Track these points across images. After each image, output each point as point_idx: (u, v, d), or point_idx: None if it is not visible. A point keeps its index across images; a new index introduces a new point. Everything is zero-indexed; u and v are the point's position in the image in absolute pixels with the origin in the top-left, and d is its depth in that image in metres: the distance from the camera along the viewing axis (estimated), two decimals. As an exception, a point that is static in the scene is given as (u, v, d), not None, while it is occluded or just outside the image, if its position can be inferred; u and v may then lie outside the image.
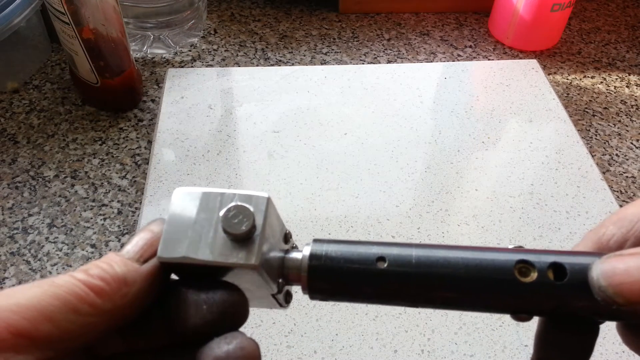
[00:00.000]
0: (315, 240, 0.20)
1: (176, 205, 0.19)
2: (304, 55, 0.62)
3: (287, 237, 0.21)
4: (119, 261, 0.18)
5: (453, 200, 0.47)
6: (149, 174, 0.48)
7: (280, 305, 0.21)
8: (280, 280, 0.20)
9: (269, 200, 0.19)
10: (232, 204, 0.18)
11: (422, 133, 0.52)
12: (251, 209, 0.18)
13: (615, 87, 0.61)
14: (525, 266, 0.18)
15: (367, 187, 0.47)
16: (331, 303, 0.39)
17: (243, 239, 0.18)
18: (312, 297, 0.20)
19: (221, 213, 0.18)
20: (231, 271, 0.18)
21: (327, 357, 0.37)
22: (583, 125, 0.56)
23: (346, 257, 0.20)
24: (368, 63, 0.62)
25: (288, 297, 0.22)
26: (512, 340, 0.38)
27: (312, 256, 0.20)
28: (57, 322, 0.16)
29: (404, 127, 0.53)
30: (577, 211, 0.46)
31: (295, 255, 0.20)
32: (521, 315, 0.19)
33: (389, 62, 0.62)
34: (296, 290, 0.43)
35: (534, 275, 0.18)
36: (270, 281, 0.19)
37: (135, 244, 0.19)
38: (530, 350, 0.38)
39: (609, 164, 0.52)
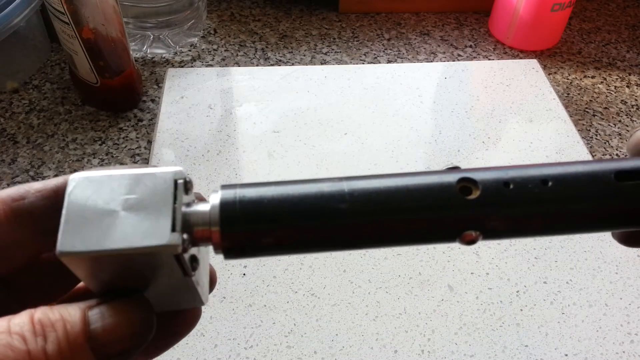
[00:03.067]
0: (224, 186, 0.17)
1: (75, 194, 0.17)
2: (304, 55, 0.62)
3: (187, 187, 0.17)
4: None
5: (453, 200, 0.47)
6: (148, 174, 0.47)
7: (194, 288, 0.18)
8: (185, 237, 0.16)
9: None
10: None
11: (422, 133, 0.52)
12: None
13: (615, 87, 0.61)
14: (466, 185, 0.18)
15: (367, 187, 0.47)
16: (331, 303, 0.39)
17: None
18: (227, 256, 0.17)
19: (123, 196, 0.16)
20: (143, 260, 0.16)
21: (327, 358, 0.37)
22: (583, 125, 0.56)
23: (267, 198, 0.17)
24: (368, 63, 0.62)
25: (194, 264, 0.18)
26: (512, 340, 0.38)
27: (224, 204, 0.17)
28: None
29: (404, 127, 0.53)
30: (578, 211, 0.46)
31: (201, 207, 0.17)
32: (468, 232, 0.17)
33: (389, 62, 0.62)
34: (296, 291, 0.43)
35: (477, 192, 0.18)
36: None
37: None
38: (530, 350, 0.38)
39: (610, 164, 0.52)
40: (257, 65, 0.60)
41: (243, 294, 0.40)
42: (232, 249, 0.17)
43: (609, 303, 0.41)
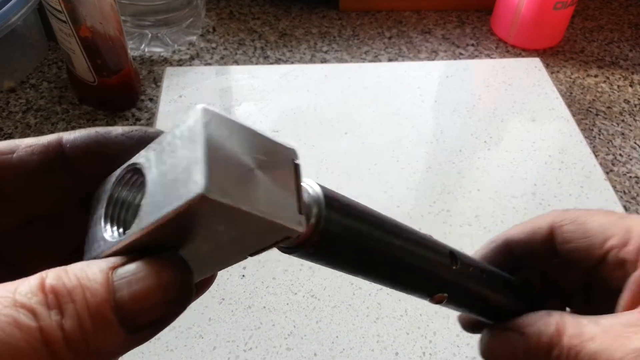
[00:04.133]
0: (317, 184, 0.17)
1: (211, 129, 0.14)
2: (304, 54, 0.62)
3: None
4: None
5: (455, 200, 0.46)
6: (146, 173, 0.47)
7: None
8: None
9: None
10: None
11: (423, 132, 0.52)
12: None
13: (618, 86, 0.60)
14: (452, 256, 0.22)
15: (367, 187, 0.47)
16: (331, 304, 0.39)
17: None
18: (294, 251, 0.17)
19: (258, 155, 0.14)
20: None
21: (327, 360, 0.36)
22: (586, 124, 0.55)
23: (364, 216, 0.18)
24: (369, 61, 0.61)
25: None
26: (515, 342, 0.38)
27: (327, 197, 0.17)
28: None
29: (405, 126, 0.52)
30: (581, 211, 0.46)
31: (305, 196, 0.16)
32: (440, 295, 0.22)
33: (389, 60, 0.61)
34: (296, 292, 0.42)
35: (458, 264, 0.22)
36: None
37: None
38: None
39: (613, 164, 0.51)
40: (256, 64, 0.60)
41: (242, 296, 0.39)
42: (313, 244, 0.17)
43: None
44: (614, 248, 0.24)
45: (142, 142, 0.18)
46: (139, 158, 0.16)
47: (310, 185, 0.17)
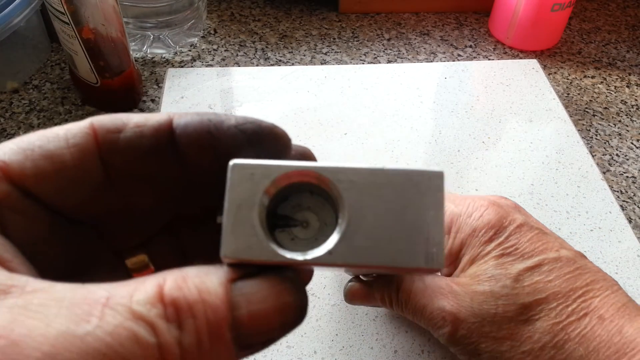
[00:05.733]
0: None
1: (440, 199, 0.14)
2: (304, 55, 0.62)
3: None
4: None
5: (453, 200, 0.47)
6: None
7: None
8: None
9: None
10: None
11: (422, 133, 0.52)
12: None
13: (615, 87, 0.61)
14: None
15: (367, 187, 0.47)
16: (331, 302, 0.39)
17: None
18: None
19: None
20: None
21: (327, 357, 0.37)
22: (583, 125, 0.56)
23: None
24: (368, 63, 0.62)
25: None
26: (513, 340, 0.38)
27: None
28: None
29: (404, 127, 0.53)
30: (578, 211, 0.46)
31: None
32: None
33: (389, 62, 0.62)
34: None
35: None
36: None
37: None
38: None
39: (609, 164, 0.52)
40: (257, 65, 0.60)
41: (243, 294, 0.40)
42: None
43: (609, 303, 0.41)
44: None
45: (254, 137, 0.16)
46: (327, 172, 0.15)
47: None
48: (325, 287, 0.40)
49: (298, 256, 0.14)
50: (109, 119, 0.15)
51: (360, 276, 0.34)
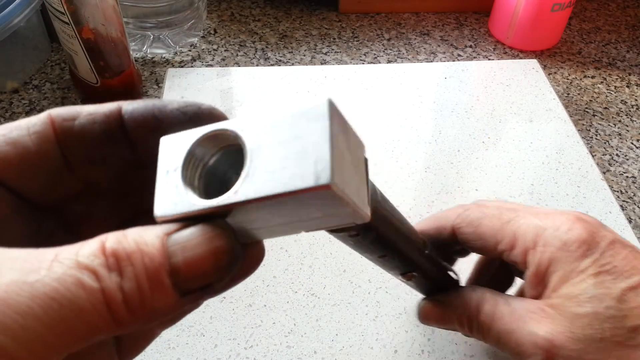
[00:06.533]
0: None
1: (334, 122, 0.15)
2: (304, 55, 0.62)
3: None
4: None
5: (453, 200, 0.47)
6: (148, 174, 0.47)
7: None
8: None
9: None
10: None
11: (422, 133, 0.52)
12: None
13: (615, 87, 0.61)
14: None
15: (367, 187, 0.47)
16: (331, 302, 0.39)
17: None
18: (344, 232, 0.20)
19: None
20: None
21: (327, 357, 0.37)
22: (583, 125, 0.56)
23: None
24: (368, 63, 0.62)
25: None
26: (513, 340, 0.38)
27: (372, 188, 0.20)
28: None
29: (404, 127, 0.53)
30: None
31: None
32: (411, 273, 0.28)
33: (389, 62, 0.62)
34: (296, 291, 0.42)
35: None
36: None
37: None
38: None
39: (609, 164, 0.52)
40: (257, 66, 0.60)
41: (243, 294, 0.40)
42: (360, 228, 0.19)
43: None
44: (505, 251, 0.28)
45: (195, 118, 0.18)
46: (231, 125, 0.16)
47: None
48: (325, 287, 0.40)
49: (211, 202, 0.15)
50: (65, 109, 0.17)
51: (402, 280, 0.30)
